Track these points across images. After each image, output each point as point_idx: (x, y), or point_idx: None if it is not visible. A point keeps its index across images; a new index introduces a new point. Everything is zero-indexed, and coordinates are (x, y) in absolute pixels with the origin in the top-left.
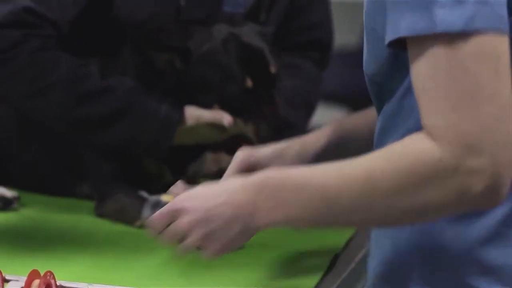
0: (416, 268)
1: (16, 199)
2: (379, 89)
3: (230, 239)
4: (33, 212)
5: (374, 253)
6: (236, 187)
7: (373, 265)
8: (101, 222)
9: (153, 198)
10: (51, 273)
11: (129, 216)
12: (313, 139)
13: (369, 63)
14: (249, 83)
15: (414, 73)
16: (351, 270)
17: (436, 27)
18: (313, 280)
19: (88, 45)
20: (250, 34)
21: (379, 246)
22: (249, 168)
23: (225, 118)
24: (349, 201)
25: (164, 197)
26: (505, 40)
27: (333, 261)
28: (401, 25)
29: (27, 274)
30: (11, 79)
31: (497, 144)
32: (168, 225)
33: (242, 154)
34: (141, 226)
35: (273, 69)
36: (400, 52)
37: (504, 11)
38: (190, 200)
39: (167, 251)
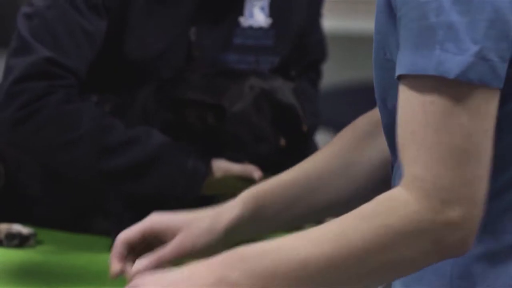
0: None
1: (33, 236)
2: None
3: None
4: (50, 249)
5: None
6: (198, 270)
7: None
8: None
9: None
10: None
11: None
12: (226, 211)
13: (380, 90)
14: (283, 142)
15: (404, 114)
16: None
17: (433, 69)
18: None
19: (101, 87)
20: (282, 90)
21: None
22: (153, 233)
23: (255, 172)
24: (323, 264)
25: None
26: (496, 99)
27: None
28: (403, 62)
29: None
30: (37, 133)
31: (474, 200)
32: None
33: (152, 218)
34: None
35: (305, 127)
36: None
37: (503, 71)
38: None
39: None
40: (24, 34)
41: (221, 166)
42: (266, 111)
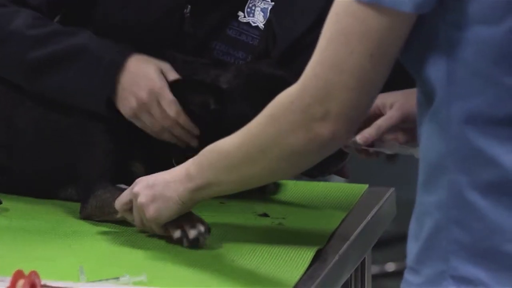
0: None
1: None
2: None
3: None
4: (16, 214)
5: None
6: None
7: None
8: (85, 221)
9: None
10: (36, 273)
11: (109, 210)
12: None
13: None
14: None
15: None
16: (335, 263)
17: None
18: (297, 273)
19: None
20: (269, 66)
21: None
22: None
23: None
24: (239, 154)
25: None
26: (404, 23)
27: (317, 254)
28: None
29: (11, 274)
30: None
31: (339, 104)
32: None
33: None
34: (122, 218)
35: None
36: None
37: None
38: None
39: (150, 248)
40: None
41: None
42: (262, 84)
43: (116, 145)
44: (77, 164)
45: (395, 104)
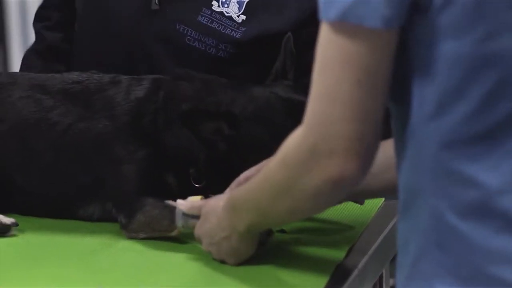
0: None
1: (14, 224)
2: None
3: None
4: (34, 236)
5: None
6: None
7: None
8: (103, 241)
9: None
10: None
11: (163, 227)
12: None
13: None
14: None
15: None
16: (354, 277)
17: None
18: (318, 287)
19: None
20: (286, 90)
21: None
22: None
23: None
24: (263, 199)
25: (191, 199)
26: (381, 42)
27: (336, 268)
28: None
29: None
30: None
31: (340, 138)
32: None
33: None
34: (178, 234)
35: None
36: None
37: (387, 10)
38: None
39: (170, 267)
40: None
41: None
42: (278, 108)
43: (144, 158)
44: (106, 181)
45: None
